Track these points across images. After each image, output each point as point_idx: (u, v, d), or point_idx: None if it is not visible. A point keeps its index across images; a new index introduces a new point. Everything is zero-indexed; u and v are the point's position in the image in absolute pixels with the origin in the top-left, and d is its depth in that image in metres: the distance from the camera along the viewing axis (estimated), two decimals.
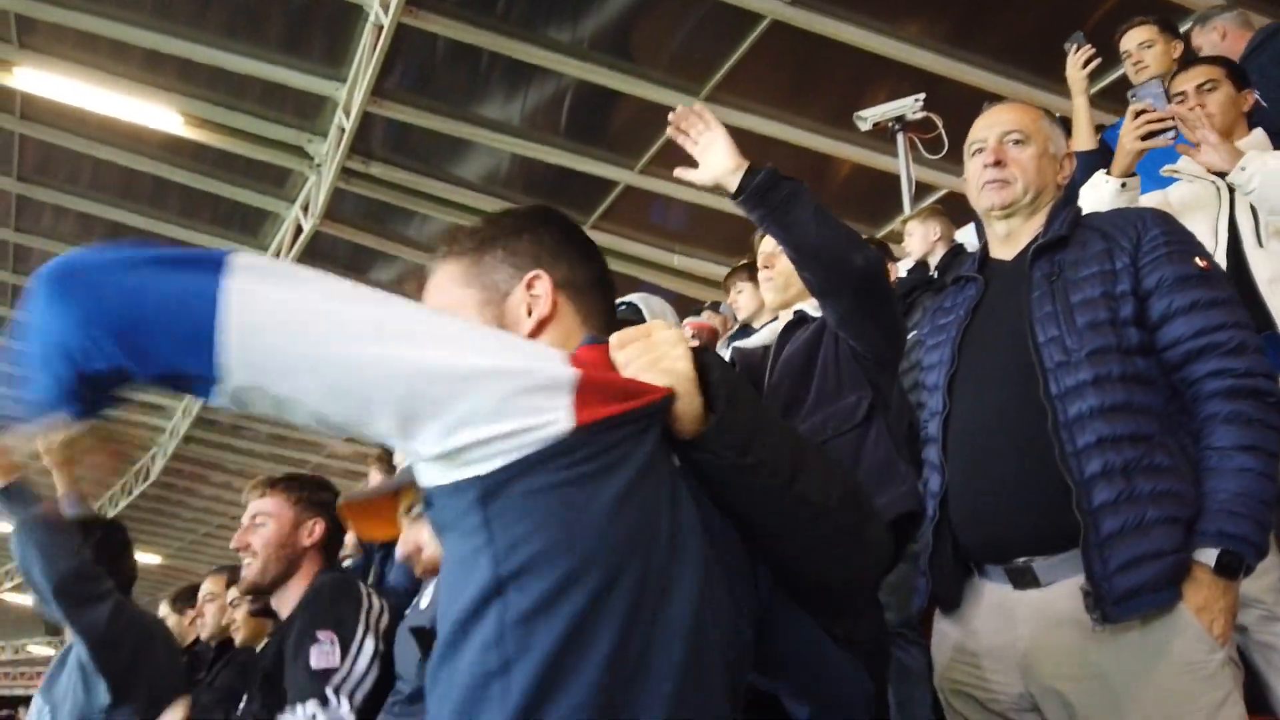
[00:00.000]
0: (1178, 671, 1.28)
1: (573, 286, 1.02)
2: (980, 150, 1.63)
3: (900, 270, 3.62)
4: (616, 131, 6.68)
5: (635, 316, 2.20)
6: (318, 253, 7.70)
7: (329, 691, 1.63)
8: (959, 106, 4.79)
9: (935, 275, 3.39)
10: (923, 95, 4.34)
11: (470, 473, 0.77)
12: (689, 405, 0.86)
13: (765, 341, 2.04)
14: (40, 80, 6.06)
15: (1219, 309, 1.39)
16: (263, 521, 1.97)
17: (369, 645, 1.75)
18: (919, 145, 4.44)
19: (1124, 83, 3.34)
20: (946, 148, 4.30)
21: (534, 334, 0.99)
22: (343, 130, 6.15)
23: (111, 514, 14.09)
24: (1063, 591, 1.37)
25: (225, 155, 6.99)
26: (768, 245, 2.06)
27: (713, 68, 5.89)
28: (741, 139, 6.06)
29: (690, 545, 0.83)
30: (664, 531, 0.81)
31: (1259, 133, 2.39)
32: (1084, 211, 1.60)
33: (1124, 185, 2.15)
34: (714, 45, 5.85)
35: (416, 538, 1.22)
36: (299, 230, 7.33)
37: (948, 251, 3.65)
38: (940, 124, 4.31)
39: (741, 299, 3.37)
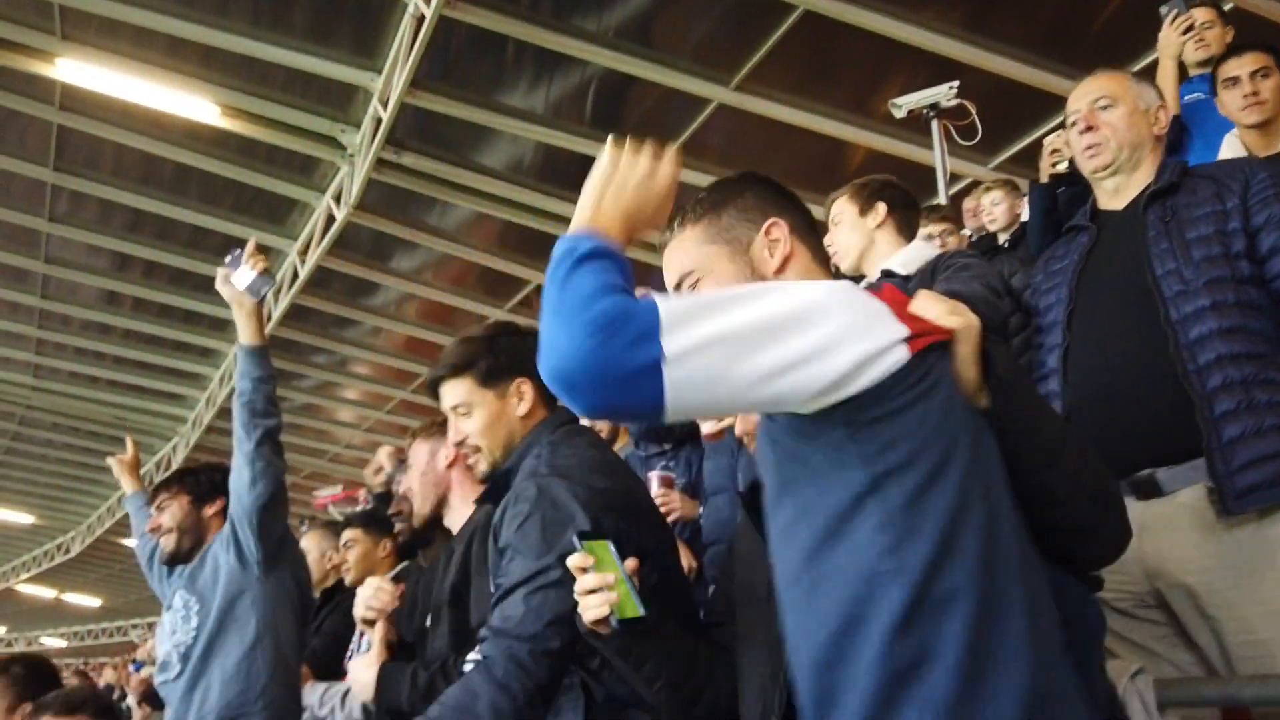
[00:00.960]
0: None
1: (799, 229, 1.22)
2: (1075, 121, 1.81)
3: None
4: (641, 121, 6.80)
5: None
6: (342, 241, 7.85)
7: None
8: (977, 93, 4.93)
9: (1006, 245, 3.55)
10: (956, 82, 4.47)
11: (832, 400, 0.94)
12: (970, 348, 1.03)
13: None
14: (81, 71, 6.16)
15: None
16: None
17: None
18: (953, 132, 4.55)
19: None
20: (980, 134, 4.42)
21: (779, 272, 1.18)
22: (378, 120, 6.26)
23: None
24: (1184, 497, 1.55)
25: (248, 143, 7.09)
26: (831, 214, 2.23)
27: (739, 57, 6.02)
28: (765, 128, 6.21)
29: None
30: (977, 421, 1.01)
31: None
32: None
33: None
34: (740, 34, 5.96)
35: None
36: (330, 220, 7.44)
37: (1019, 229, 3.81)
38: (974, 110, 4.43)
39: None
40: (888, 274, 2.13)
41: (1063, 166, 2.48)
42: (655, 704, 1.38)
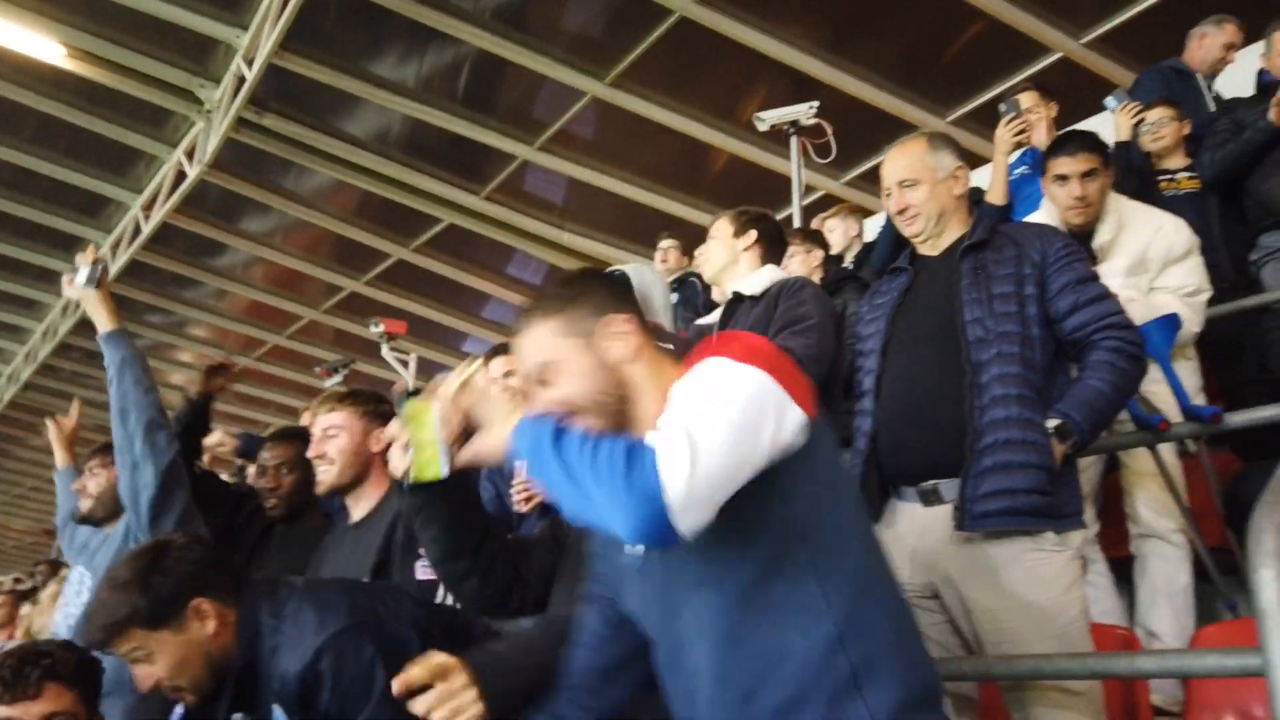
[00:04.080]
0: (1036, 566, 1.77)
1: (640, 320, 1.37)
2: (889, 195, 2.09)
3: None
4: (515, 105, 6.83)
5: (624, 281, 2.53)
6: (190, 198, 7.49)
7: (439, 598, 1.91)
8: (834, 110, 5.25)
9: (853, 269, 3.87)
10: (816, 103, 4.72)
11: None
12: None
13: (716, 318, 2.42)
14: None
15: (1111, 300, 1.91)
16: (335, 433, 2.18)
17: None
18: (810, 149, 4.80)
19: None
20: (834, 153, 4.68)
21: (627, 360, 1.33)
22: (242, 79, 6.04)
23: None
24: (943, 509, 1.83)
25: (89, 86, 6.65)
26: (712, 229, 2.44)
27: (615, 53, 6.15)
28: (634, 124, 6.38)
29: None
30: None
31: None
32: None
33: None
34: (617, 31, 6.09)
35: None
36: (180, 176, 7.10)
37: (861, 250, 4.15)
38: (830, 131, 4.69)
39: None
40: (739, 296, 2.33)
41: None
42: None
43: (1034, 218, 2.80)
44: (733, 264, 2.43)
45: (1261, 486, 1.24)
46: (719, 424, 1.12)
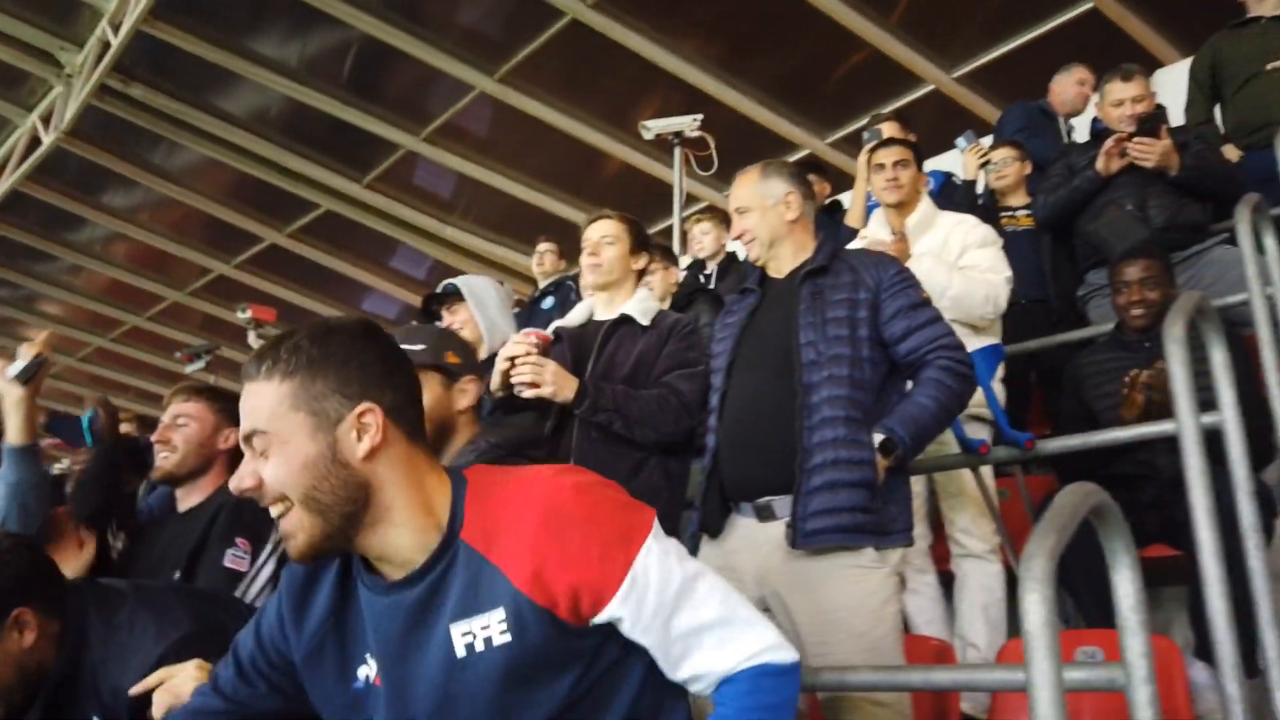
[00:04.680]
0: (854, 581, 1.85)
1: (398, 408, 1.14)
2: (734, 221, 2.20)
3: (682, 264, 4.13)
4: (401, 95, 6.72)
5: (456, 295, 2.51)
6: (46, 167, 7.08)
7: (239, 590, 1.91)
8: (721, 124, 5.36)
9: (712, 282, 3.95)
10: (701, 116, 4.80)
11: None
12: None
13: (581, 319, 2.42)
14: None
15: (942, 323, 2.01)
16: (185, 422, 2.14)
17: (271, 564, 1.98)
18: (692, 160, 4.88)
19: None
20: (716, 166, 4.76)
21: (366, 461, 1.11)
22: (107, 45, 5.74)
23: None
24: (776, 525, 1.91)
25: None
26: (593, 234, 2.45)
27: (506, 50, 6.13)
28: (527, 124, 6.35)
29: None
30: None
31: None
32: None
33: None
34: (509, 28, 6.07)
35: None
36: (35, 142, 6.68)
37: (724, 259, 4.25)
38: (713, 145, 4.78)
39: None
40: (626, 318, 2.35)
41: None
42: None
43: (863, 237, 2.96)
44: (625, 281, 2.44)
45: None
46: (706, 592, 1.17)
